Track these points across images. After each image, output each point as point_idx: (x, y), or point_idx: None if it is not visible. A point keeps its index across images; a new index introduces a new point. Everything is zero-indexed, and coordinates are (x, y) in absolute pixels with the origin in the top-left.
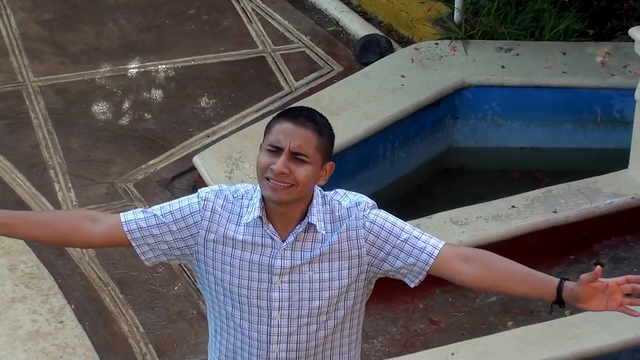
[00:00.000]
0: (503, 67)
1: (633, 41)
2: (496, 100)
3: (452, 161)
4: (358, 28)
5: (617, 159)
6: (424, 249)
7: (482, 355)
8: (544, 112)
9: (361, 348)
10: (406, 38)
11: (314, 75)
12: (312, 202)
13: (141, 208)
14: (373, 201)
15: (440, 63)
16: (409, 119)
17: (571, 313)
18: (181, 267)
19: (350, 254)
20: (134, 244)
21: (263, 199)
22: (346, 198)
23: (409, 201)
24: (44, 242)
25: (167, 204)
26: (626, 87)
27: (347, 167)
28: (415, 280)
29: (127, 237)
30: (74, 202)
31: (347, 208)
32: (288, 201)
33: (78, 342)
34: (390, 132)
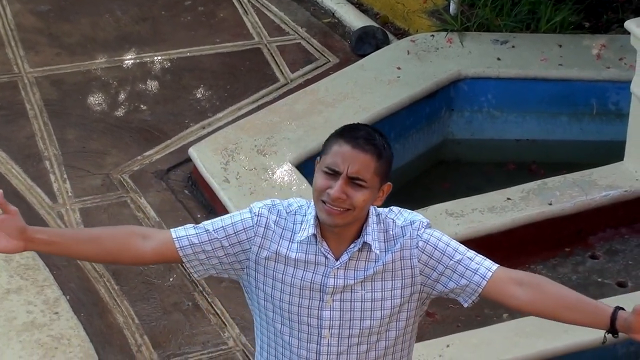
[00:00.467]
0: (499, 59)
1: (629, 34)
2: (492, 92)
3: (448, 153)
4: (354, 20)
5: (613, 152)
6: (477, 271)
7: (477, 347)
8: (540, 105)
9: None
10: (402, 30)
11: (310, 66)
12: (367, 221)
13: (191, 224)
14: (427, 220)
15: (436, 55)
16: (405, 111)
17: None
18: None
19: (403, 274)
20: (185, 260)
21: (317, 216)
22: (400, 216)
23: (405, 193)
24: (92, 261)
25: (219, 219)
26: (622, 80)
27: None
28: (468, 300)
29: (179, 254)
30: (69, 193)
31: (402, 227)
32: (344, 225)
33: (73, 333)
34: (386, 124)
